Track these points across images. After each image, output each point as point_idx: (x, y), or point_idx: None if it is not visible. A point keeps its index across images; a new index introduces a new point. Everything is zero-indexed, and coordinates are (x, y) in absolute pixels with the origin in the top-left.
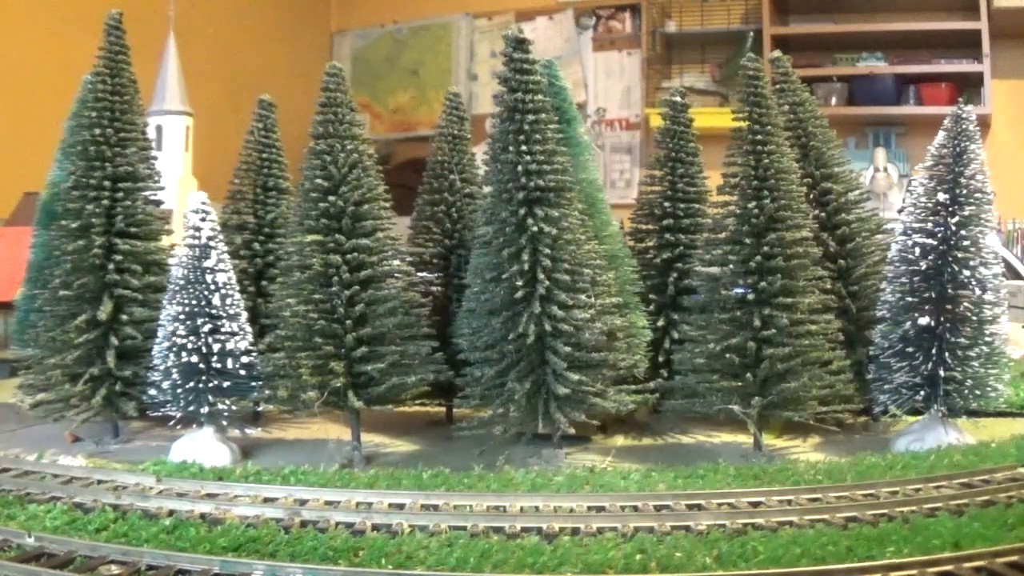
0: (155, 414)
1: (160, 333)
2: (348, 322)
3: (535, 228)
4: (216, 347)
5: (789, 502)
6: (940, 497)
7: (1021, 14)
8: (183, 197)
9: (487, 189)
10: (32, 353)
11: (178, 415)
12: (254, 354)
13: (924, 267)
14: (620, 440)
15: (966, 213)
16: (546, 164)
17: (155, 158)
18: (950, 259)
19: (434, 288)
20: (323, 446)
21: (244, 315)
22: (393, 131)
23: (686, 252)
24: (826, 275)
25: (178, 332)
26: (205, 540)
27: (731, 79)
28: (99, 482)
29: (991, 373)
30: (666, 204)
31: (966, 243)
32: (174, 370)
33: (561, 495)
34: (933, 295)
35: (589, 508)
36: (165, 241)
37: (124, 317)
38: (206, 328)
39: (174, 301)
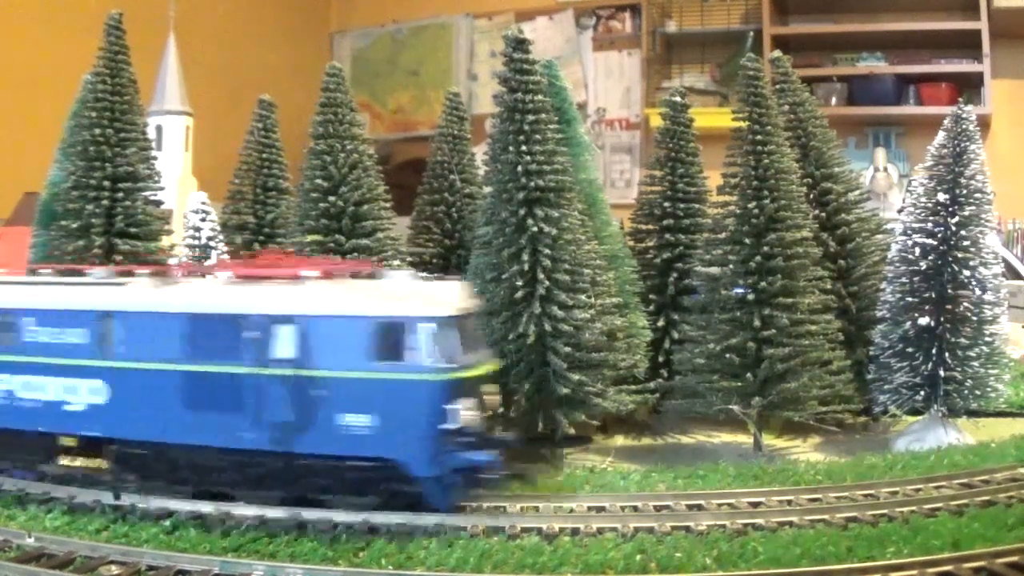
0: None
1: None
2: None
3: (535, 228)
4: None
5: (789, 502)
6: (940, 497)
7: (1021, 14)
8: (183, 197)
9: (487, 189)
10: None
11: None
12: None
13: (924, 267)
14: (620, 440)
15: (966, 213)
16: (546, 164)
17: (155, 158)
18: (950, 259)
19: None
20: None
21: None
22: (393, 131)
23: (686, 252)
24: (826, 275)
25: None
26: (205, 540)
27: (731, 79)
28: (99, 483)
29: (991, 373)
30: (666, 204)
31: (966, 243)
32: None
33: (561, 495)
34: (933, 295)
35: (589, 508)
36: (165, 241)
37: None
38: None
39: None
